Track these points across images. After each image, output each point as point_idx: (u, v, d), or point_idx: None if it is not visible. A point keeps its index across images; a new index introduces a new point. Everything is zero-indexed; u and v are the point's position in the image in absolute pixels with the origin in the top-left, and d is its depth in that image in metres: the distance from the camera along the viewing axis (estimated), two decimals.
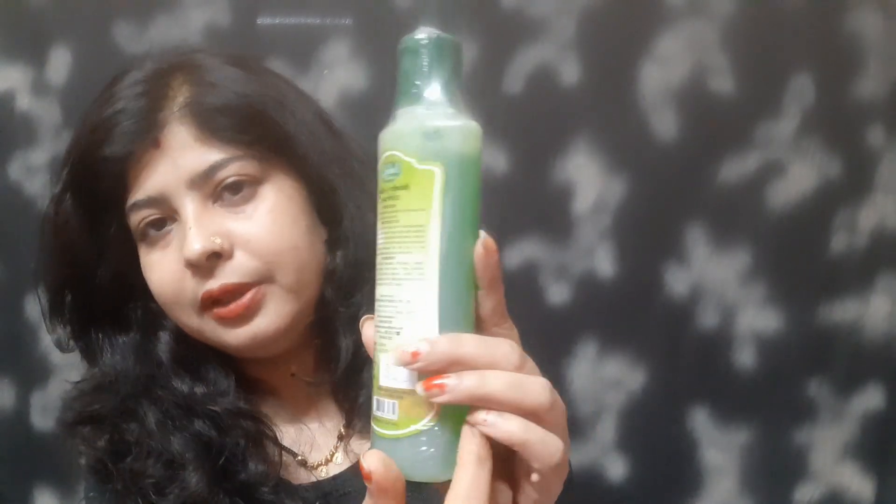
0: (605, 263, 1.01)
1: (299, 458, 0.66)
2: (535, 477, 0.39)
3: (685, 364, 1.02)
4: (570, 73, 0.98)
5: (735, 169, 0.99)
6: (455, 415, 0.39)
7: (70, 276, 0.63)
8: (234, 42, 0.98)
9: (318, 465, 0.67)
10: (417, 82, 0.40)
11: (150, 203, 0.58)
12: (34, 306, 1.01)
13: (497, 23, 0.97)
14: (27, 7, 0.97)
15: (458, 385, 0.37)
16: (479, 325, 0.40)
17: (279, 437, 0.64)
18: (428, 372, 0.38)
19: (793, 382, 1.02)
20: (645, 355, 1.01)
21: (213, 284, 0.57)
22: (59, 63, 0.98)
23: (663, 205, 1.00)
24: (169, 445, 0.60)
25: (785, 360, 1.01)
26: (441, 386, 0.37)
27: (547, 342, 0.44)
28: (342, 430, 0.68)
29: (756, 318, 1.01)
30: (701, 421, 1.02)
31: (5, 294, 1.01)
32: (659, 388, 1.01)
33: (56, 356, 1.01)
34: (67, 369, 1.00)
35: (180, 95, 0.59)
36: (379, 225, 0.41)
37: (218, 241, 0.57)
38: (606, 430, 1.02)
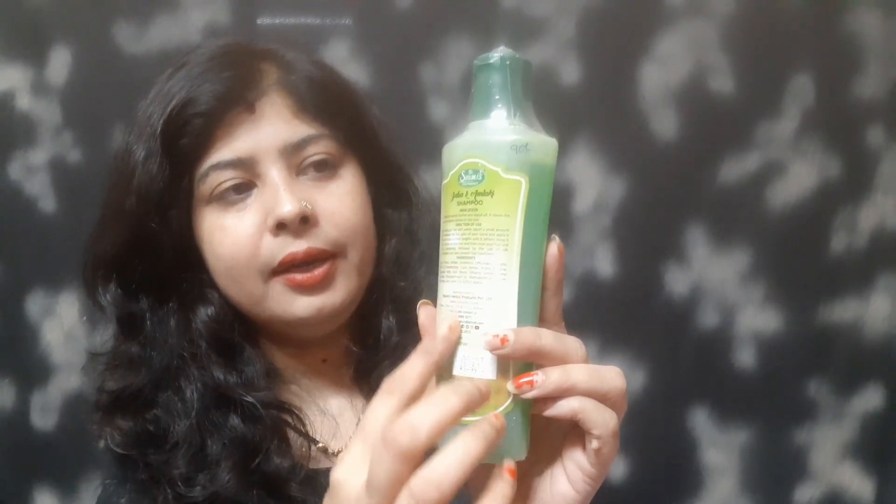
0: (605, 263, 1.01)
1: (320, 445, 0.67)
2: (595, 444, 0.43)
3: (685, 364, 1.02)
4: (570, 73, 0.98)
5: (735, 169, 0.99)
6: (525, 402, 0.43)
7: (141, 234, 0.62)
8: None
9: (339, 452, 0.68)
10: (497, 97, 0.44)
11: (235, 164, 0.60)
12: (34, 306, 1.01)
13: (497, 23, 0.97)
14: (27, 7, 0.97)
15: (545, 380, 0.41)
16: (541, 324, 0.44)
17: (305, 427, 0.65)
18: (508, 358, 0.41)
19: (793, 382, 1.02)
20: (645, 355, 1.01)
21: (300, 246, 0.59)
22: (59, 63, 0.97)
23: (663, 205, 1.00)
24: (204, 440, 0.61)
25: (785, 360, 1.01)
26: (531, 382, 0.41)
27: None
28: (362, 415, 0.69)
29: (756, 318, 1.01)
30: (701, 421, 1.02)
31: (5, 294, 1.01)
32: (659, 388, 1.01)
33: (56, 356, 1.01)
34: (67, 369, 1.00)
35: (273, 72, 0.62)
36: (451, 225, 0.44)
37: (309, 206, 0.59)
38: None
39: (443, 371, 0.43)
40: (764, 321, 1.01)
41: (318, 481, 0.63)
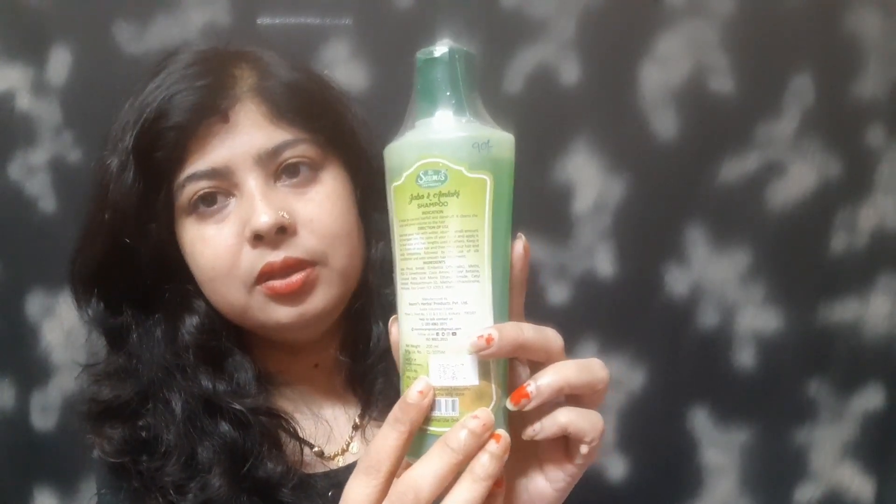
0: (605, 263, 1.01)
1: (316, 449, 0.67)
2: (584, 449, 0.44)
3: (685, 364, 1.01)
4: (570, 73, 0.98)
5: (735, 169, 0.99)
6: (504, 408, 0.42)
7: (118, 247, 0.62)
8: (234, 42, 0.97)
9: (335, 456, 0.68)
10: (448, 93, 0.42)
11: (211, 175, 0.59)
12: (34, 306, 1.01)
13: (497, 23, 0.97)
14: (27, 7, 0.97)
15: (539, 388, 0.41)
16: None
17: (298, 432, 0.65)
18: (493, 357, 0.41)
19: (793, 382, 1.02)
20: (645, 355, 1.01)
21: (277, 256, 0.58)
22: (59, 63, 0.97)
23: (663, 205, 1.00)
24: (194, 448, 0.61)
25: (785, 360, 1.01)
26: (526, 395, 0.41)
27: None
28: (357, 419, 0.70)
29: (756, 318, 1.01)
30: (701, 421, 1.02)
31: (5, 294, 1.01)
32: (659, 388, 1.01)
33: (56, 356, 1.01)
34: (67, 369, 1.00)
35: (248, 77, 0.61)
36: (411, 229, 0.42)
37: (286, 215, 0.58)
38: (606, 431, 1.01)
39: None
40: (764, 321, 1.01)
41: (311, 486, 0.63)
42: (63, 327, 1.00)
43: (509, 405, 0.41)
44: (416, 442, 0.42)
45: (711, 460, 1.02)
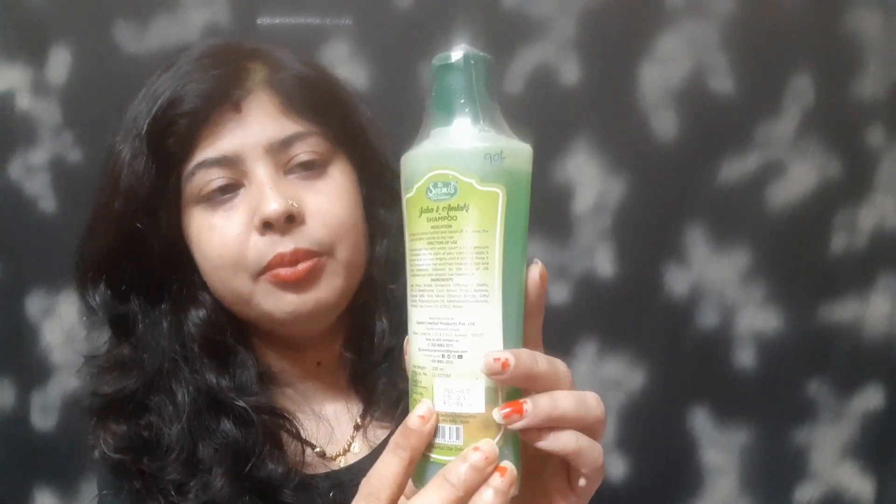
0: (605, 263, 1.01)
1: (317, 450, 0.67)
2: (582, 482, 0.42)
3: (685, 364, 1.02)
4: (570, 73, 0.98)
5: (735, 169, 0.99)
6: (516, 433, 0.39)
7: (128, 234, 0.62)
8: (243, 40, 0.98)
9: (337, 456, 0.68)
10: (462, 100, 0.40)
11: (221, 162, 0.59)
12: (34, 306, 1.01)
13: (497, 23, 0.97)
14: (27, 7, 0.97)
15: (534, 408, 0.38)
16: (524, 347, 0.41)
17: (300, 432, 0.65)
18: (505, 384, 0.38)
19: (793, 382, 1.02)
20: (645, 355, 1.01)
21: (287, 246, 0.58)
22: (59, 63, 0.97)
23: (663, 205, 1.00)
24: (195, 445, 0.60)
25: (785, 360, 1.01)
26: (520, 411, 0.38)
27: (547, 342, 0.44)
28: (359, 419, 0.70)
29: (756, 318, 1.01)
30: (701, 421, 1.02)
31: (5, 294, 1.01)
32: (659, 388, 1.01)
33: (56, 356, 1.01)
34: (67, 369, 1.00)
35: (261, 70, 0.62)
36: (421, 244, 0.40)
37: (295, 204, 0.59)
38: (606, 431, 1.01)
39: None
40: (764, 321, 1.01)
41: (312, 486, 0.63)
42: (63, 327, 1.00)
43: (496, 415, 0.38)
44: (419, 469, 0.40)
45: (711, 460, 1.02)
